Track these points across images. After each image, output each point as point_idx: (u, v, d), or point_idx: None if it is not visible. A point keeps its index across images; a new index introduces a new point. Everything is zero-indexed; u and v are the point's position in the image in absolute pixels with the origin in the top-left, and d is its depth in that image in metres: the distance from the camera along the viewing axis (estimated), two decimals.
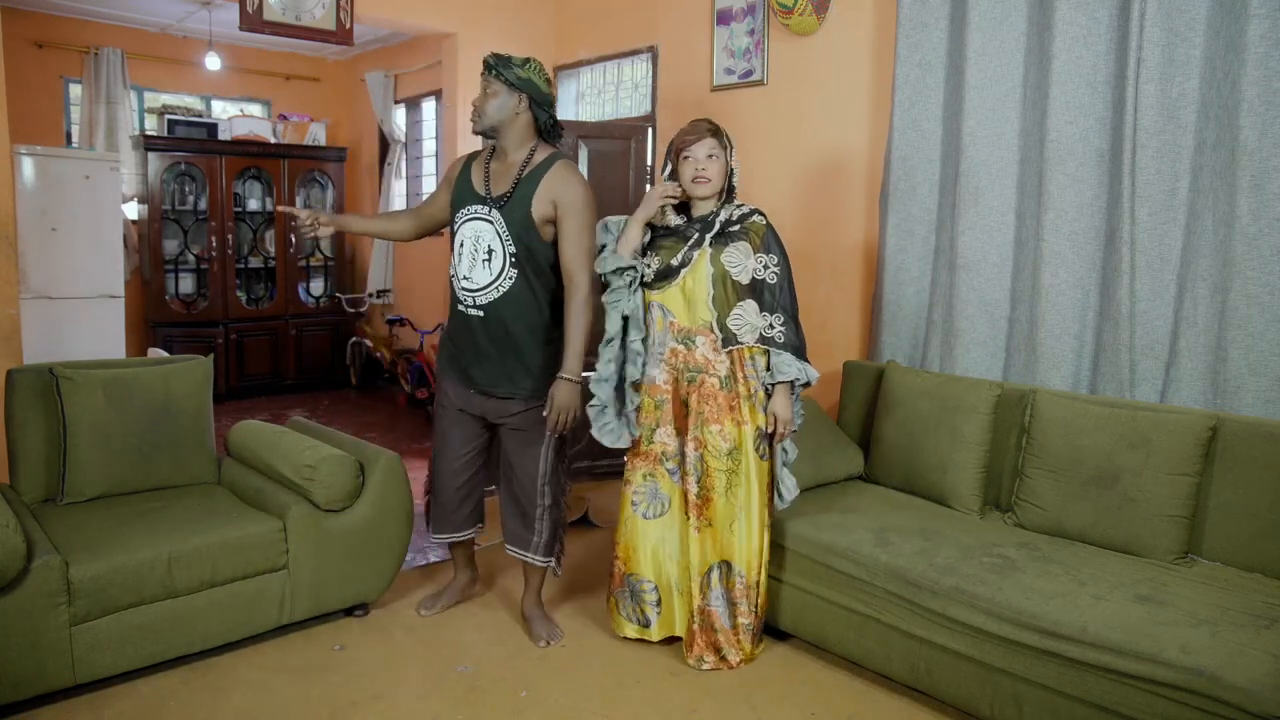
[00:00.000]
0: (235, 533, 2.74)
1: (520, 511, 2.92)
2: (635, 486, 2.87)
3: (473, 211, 2.76)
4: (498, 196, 2.74)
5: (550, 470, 2.88)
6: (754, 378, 2.74)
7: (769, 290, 2.73)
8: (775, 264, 2.74)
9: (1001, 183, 3.32)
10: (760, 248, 2.74)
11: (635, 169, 4.77)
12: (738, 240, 2.74)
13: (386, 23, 5.28)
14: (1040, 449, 2.87)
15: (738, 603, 2.77)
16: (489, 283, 2.74)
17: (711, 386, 2.73)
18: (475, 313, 2.77)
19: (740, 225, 2.76)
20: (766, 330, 2.71)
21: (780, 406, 2.74)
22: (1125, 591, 2.35)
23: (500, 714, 2.53)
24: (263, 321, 6.90)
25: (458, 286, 2.80)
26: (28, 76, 6.16)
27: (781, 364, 2.71)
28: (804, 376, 2.73)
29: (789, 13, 4.05)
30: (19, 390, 2.94)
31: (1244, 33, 2.69)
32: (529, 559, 2.94)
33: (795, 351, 2.72)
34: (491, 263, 2.73)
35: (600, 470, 4.84)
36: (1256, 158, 2.70)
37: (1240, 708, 1.94)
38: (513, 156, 2.77)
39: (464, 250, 2.77)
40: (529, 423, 2.83)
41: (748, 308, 2.72)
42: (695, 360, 2.74)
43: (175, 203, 6.54)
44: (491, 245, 2.73)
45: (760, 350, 2.73)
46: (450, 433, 2.96)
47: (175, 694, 2.57)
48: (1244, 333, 2.75)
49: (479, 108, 2.72)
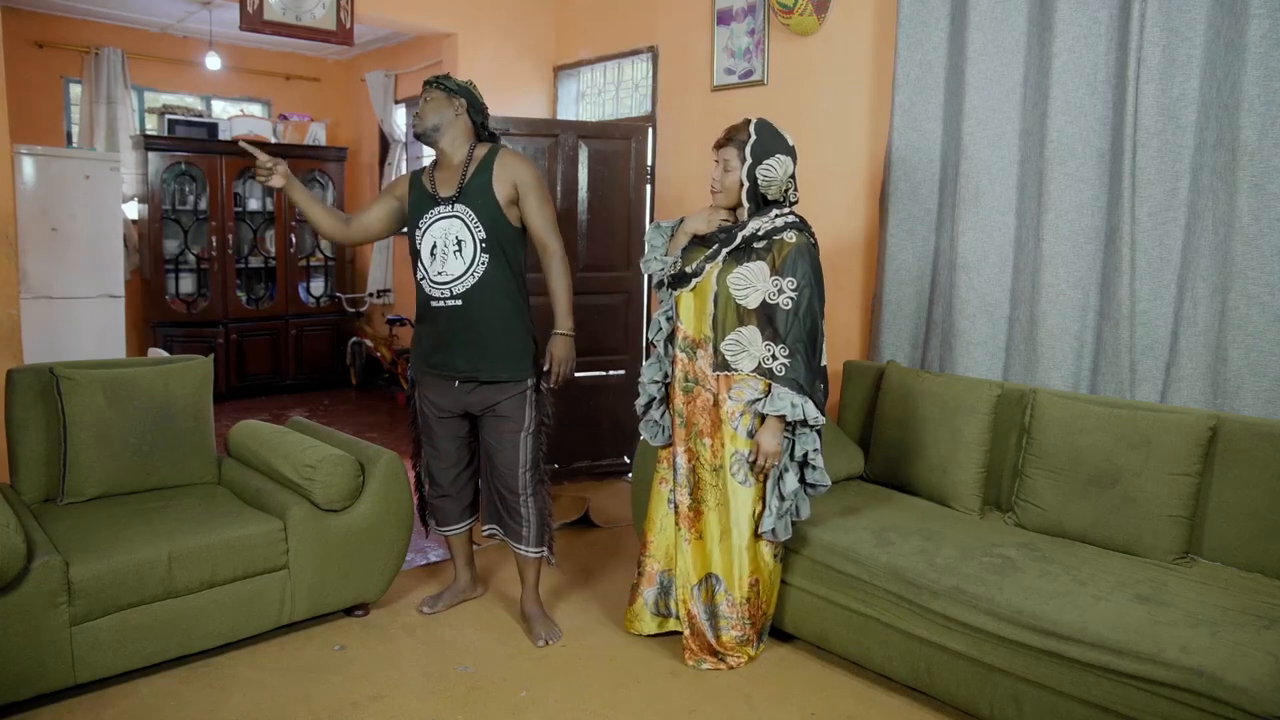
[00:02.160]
0: (235, 533, 2.74)
1: (504, 502, 2.97)
2: (670, 484, 2.85)
3: (435, 214, 2.85)
4: (451, 196, 2.84)
5: (530, 457, 2.92)
6: (739, 401, 2.62)
7: (781, 317, 2.56)
8: (793, 289, 2.55)
9: (1002, 183, 3.32)
10: (781, 270, 2.57)
11: (635, 169, 4.77)
12: (757, 259, 2.59)
13: (386, 23, 5.28)
14: (1040, 449, 2.87)
15: (724, 616, 2.74)
16: (464, 271, 2.81)
17: (706, 400, 2.70)
18: (454, 303, 2.83)
19: (767, 241, 2.59)
20: (767, 360, 2.56)
21: (767, 439, 2.58)
22: (1125, 591, 2.35)
23: (501, 714, 2.53)
24: (263, 321, 6.90)
25: (430, 283, 2.86)
26: (28, 76, 6.16)
27: (775, 396, 2.55)
28: (797, 415, 2.53)
29: (789, 13, 4.05)
30: (19, 390, 2.94)
31: (1244, 32, 2.69)
32: (521, 551, 2.97)
33: (797, 386, 2.53)
34: (463, 252, 2.81)
35: (600, 470, 4.85)
36: (1257, 158, 2.70)
37: (1240, 708, 1.94)
38: (455, 159, 2.89)
39: (435, 250, 2.84)
40: (512, 408, 2.89)
41: (749, 334, 2.59)
42: (695, 371, 2.72)
43: (175, 203, 6.54)
44: (460, 236, 2.81)
45: (752, 377, 2.61)
46: (437, 436, 3.03)
47: (175, 694, 2.57)
48: (1244, 333, 2.75)
49: (419, 114, 2.89)
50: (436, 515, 3.15)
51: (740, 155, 2.64)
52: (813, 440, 2.64)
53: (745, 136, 2.64)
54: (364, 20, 4.92)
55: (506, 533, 3.01)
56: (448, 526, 3.15)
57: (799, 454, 2.65)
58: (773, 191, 2.65)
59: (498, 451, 2.92)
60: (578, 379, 4.74)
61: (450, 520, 3.14)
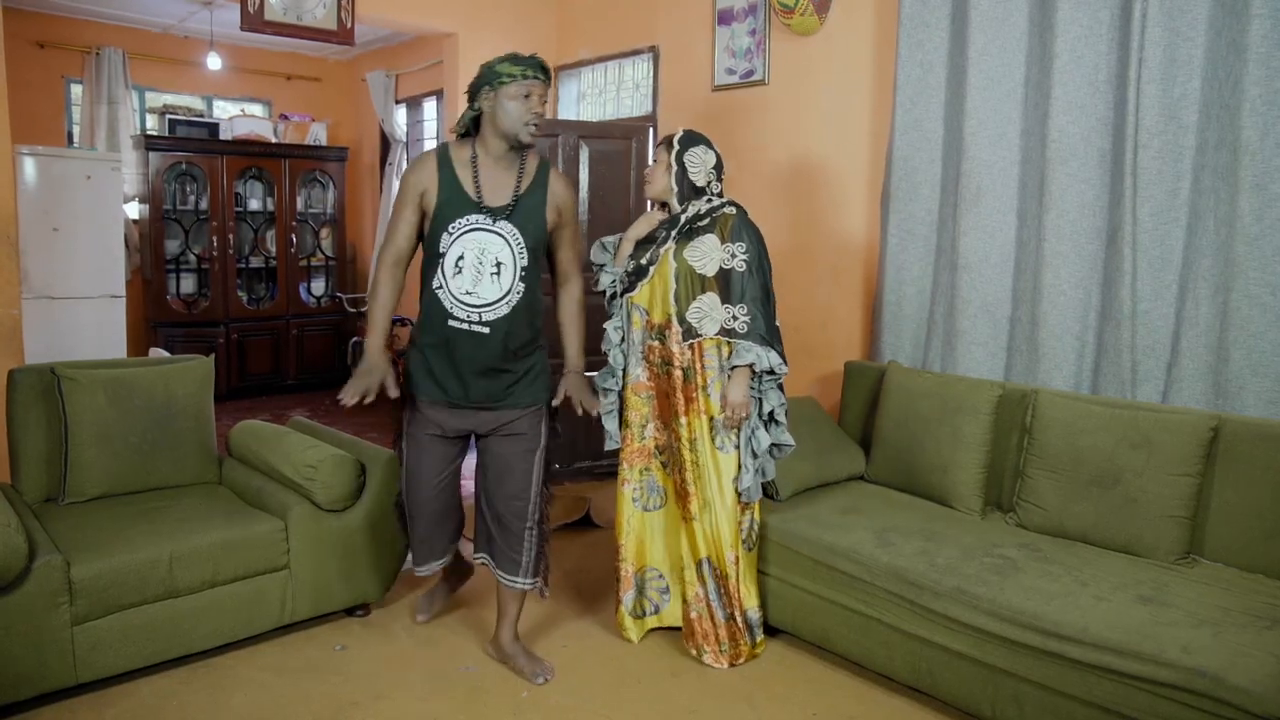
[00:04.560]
0: (236, 533, 2.75)
1: (506, 529, 2.70)
2: (633, 484, 2.94)
3: (472, 222, 2.54)
4: (500, 207, 2.56)
5: (542, 477, 2.73)
6: (711, 368, 2.76)
7: (736, 279, 2.73)
8: (744, 251, 2.74)
9: (1003, 183, 3.31)
10: (729, 237, 2.76)
11: (636, 169, 4.77)
12: (705, 234, 2.78)
13: (387, 23, 5.28)
14: (1041, 449, 2.87)
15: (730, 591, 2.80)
16: (499, 298, 2.56)
17: (677, 379, 2.79)
18: (480, 329, 2.55)
19: (710, 218, 2.80)
20: (728, 321, 2.73)
21: (733, 390, 2.71)
22: (1127, 592, 2.35)
23: (502, 714, 2.53)
24: (264, 321, 6.90)
25: (452, 300, 2.55)
26: (29, 76, 6.16)
27: (740, 349, 2.71)
28: (762, 362, 2.70)
29: (790, 13, 4.05)
30: (21, 390, 2.94)
31: (1246, 32, 2.69)
32: (515, 584, 2.71)
33: (760, 339, 2.71)
34: (501, 277, 2.56)
35: (601, 470, 4.85)
36: (1258, 158, 2.70)
37: (1242, 709, 1.94)
38: (502, 161, 2.59)
39: (464, 263, 2.54)
40: (528, 425, 2.68)
41: (708, 300, 2.74)
42: (666, 353, 2.81)
43: (176, 203, 6.54)
44: (500, 258, 2.55)
45: (724, 341, 2.75)
46: (423, 460, 2.72)
47: (176, 694, 2.57)
48: (1245, 333, 2.74)
49: (539, 113, 2.54)
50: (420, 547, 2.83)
51: (668, 148, 2.87)
52: (778, 396, 2.79)
53: (672, 135, 2.90)
54: (365, 20, 4.92)
55: (498, 563, 2.73)
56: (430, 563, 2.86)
57: (766, 410, 2.79)
58: (700, 178, 2.83)
59: (508, 472, 2.68)
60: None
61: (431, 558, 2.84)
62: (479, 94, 2.56)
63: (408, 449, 2.76)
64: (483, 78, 2.55)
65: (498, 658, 2.80)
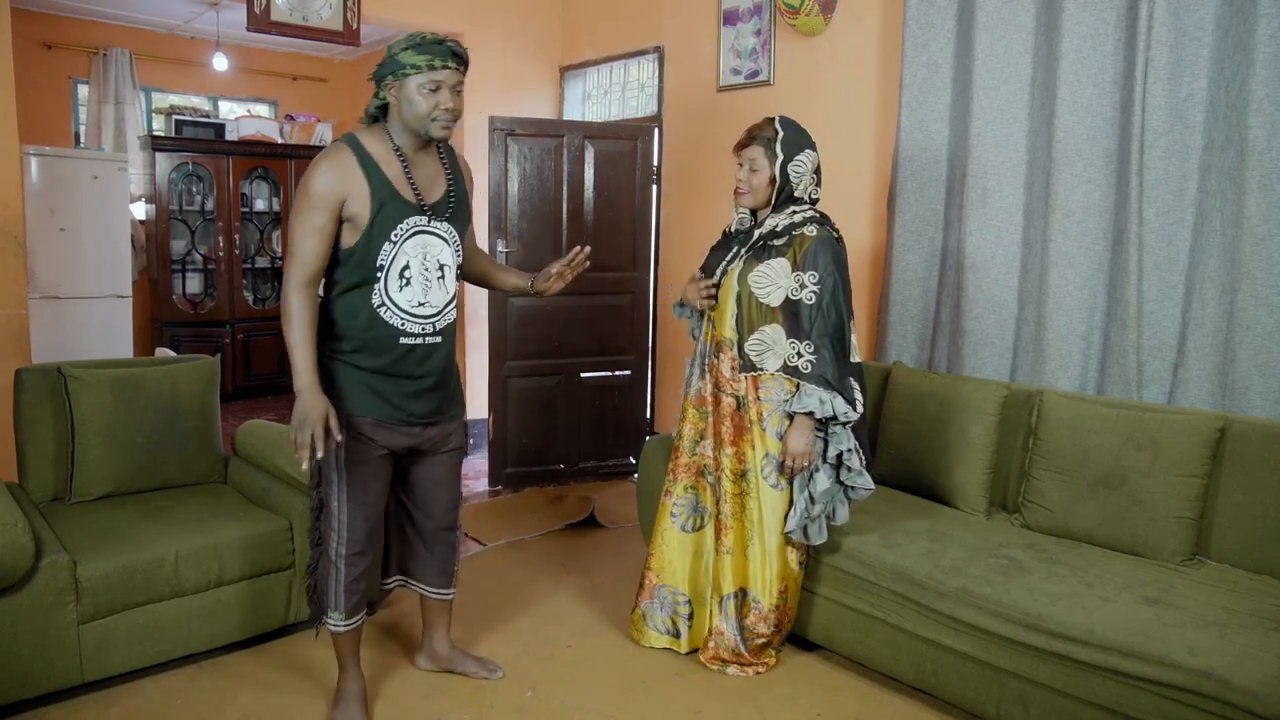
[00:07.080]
0: (242, 532, 2.75)
1: (438, 543, 2.57)
2: (676, 498, 2.80)
3: (415, 226, 2.26)
4: (435, 204, 2.31)
5: None
6: (768, 401, 2.58)
7: (805, 312, 2.51)
8: (815, 283, 2.50)
9: (1009, 183, 3.31)
10: (801, 264, 2.52)
11: (641, 169, 4.77)
12: (777, 256, 2.55)
13: (393, 23, 5.29)
14: (1047, 450, 2.86)
15: (751, 629, 2.71)
16: (446, 302, 2.35)
17: (729, 406, 2.66)
18: (433, 340, 2.34)
19: (787, 237, 2.56)
20: (792, 358, 2.53)
21: (794, 439, 2.53)
22: (1133, 593, 2.34)
23: (506, 714, 2.53)
24: (270, 321, 6.92)
25: (402, 315, 2.28)
26: (36, 77, 6.18)
27: (803, 394, 2.51)
28: (825, 411, 2.48)
29: (795, 13, 4.05)
30: (27, 390, 2.95)
31: (1253, 32, 2.68)
32: (446, 594, 2.63)
33: (824, 383, 2.49)
34: (445, 280, 2.34)
35: (606, 470, 4.85)
36: (1266, 158, 2.69)
37: (1249, 710, 1.94)
38: (423, 153, 2.33)
39: (410, 272, 2.27)
40: (458, 434, 2.53)
41: (772, 332, 2.55)
42: (719, 376, 2.68)
43: (183, 203, 6.55)
44: (443, 260, 2.32)
45: (781, 377, 2.56)
46: (374, 486, 2.37)
47: (182, 693, 2.58)
48: (1252, 334, 2.74)
49: (456, 109, 2.27)
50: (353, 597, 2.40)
51: (769, 153, 2.59)
52: (847, 439, 2.57)
53: (772, 134, 2.60)
54: (371, 21, 4.93)
55: (425, 579, 2.60)
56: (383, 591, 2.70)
57: (831, 454, 2.58)
58: (800, 188, 2.62)
59: (444, 486, 2.53)
60: (584, 378, 4.75)
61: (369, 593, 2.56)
62: (382, 84, 2.27)
63: (350, 482, 2.32)
64: (384, 66, 2.26)
65: (441, 668, 2.71)
